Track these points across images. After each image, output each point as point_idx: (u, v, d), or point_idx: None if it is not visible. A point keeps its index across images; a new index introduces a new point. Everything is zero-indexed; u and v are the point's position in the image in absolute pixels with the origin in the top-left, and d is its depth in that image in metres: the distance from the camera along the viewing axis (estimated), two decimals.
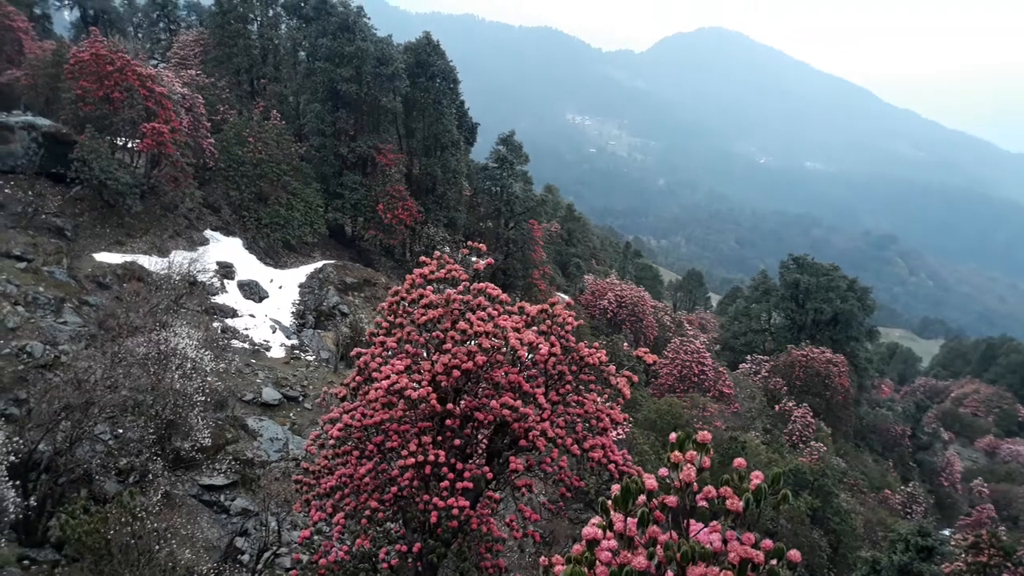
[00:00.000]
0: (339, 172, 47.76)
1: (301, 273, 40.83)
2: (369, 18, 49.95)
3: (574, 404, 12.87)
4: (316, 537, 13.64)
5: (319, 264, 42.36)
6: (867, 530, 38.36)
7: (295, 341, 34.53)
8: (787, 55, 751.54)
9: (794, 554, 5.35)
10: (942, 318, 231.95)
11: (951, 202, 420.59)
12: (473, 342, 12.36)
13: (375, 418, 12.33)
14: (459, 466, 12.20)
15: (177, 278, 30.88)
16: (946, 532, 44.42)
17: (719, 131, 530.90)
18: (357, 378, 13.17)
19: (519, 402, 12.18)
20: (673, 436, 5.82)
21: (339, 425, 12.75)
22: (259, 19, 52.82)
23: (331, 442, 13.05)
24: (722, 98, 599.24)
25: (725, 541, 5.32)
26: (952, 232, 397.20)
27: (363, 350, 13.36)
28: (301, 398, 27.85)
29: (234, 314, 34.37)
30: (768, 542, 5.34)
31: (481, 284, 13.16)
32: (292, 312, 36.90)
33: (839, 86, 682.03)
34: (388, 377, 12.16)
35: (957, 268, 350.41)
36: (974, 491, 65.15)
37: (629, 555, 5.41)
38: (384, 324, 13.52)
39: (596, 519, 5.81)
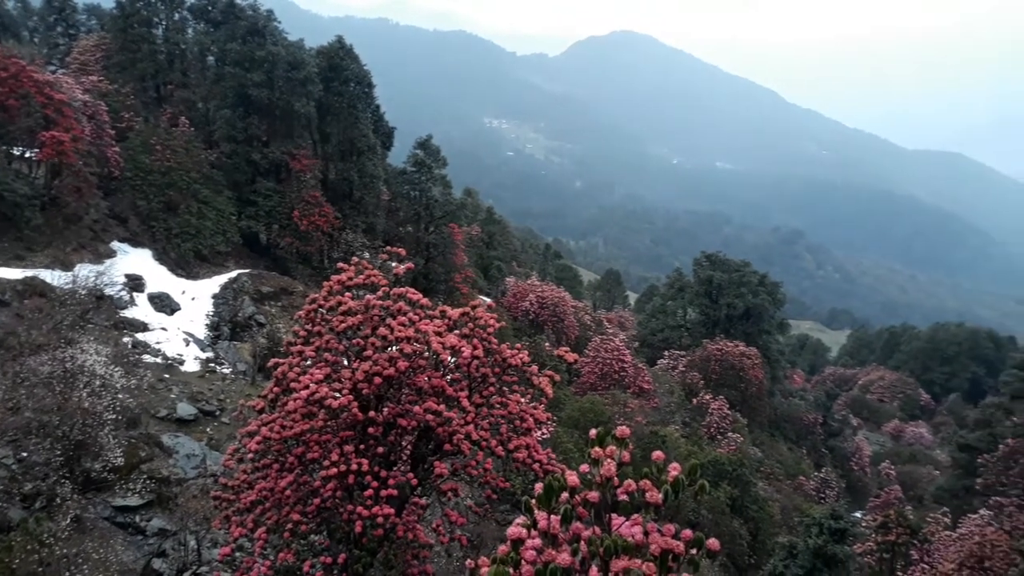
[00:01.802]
0: (252, 179, 46.65)
1: (215, 283, 39.67)
2: (279, 22, 48.97)
3: (498, 406, 12.91)
4: (238, 554, 13.29)
5: (233, 274, 41.25)
6: (784, 516, 39.75)
7: (210, 354, 33.54)
8: (697, 58, 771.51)
9: (713, 543, 5.50)
10: (848, 309, 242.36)
11: (854, 198, 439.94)
12: (394, 348, 12.28)
13: (295, 429, 12.11)
14: (383, 474, 12.08)
15: (83, 292, 29.59)
16: (857, 514, 46.49)
17: (634, 133, 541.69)
18: (275, 389, 12.91)
19: (443, 406, 12.15)
20: (593, 432, 5.93)
21: (258, 438, 12.46)
22: (164, 23, 51.01)
23: (250, 456, 12.74)
24: (636, 101, 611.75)
25: (646, 533, 5.44)
26: (855, 227, 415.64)
27: (281, 360, 13.10)
28: (218, 412, 27.05)
29: (145, 328, 33.14)
30: (688, 532, 5.48)
31: (401, 289, 13.07)
32: (206, 324, 35.82)
33: (746, 87, 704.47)
34: (307, 387, 11.94)
35: (861, 261, 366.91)
36: (882, 473, 68.17)
37: (553, 552, 5.48)
38: (302, 333, 13.29)
39: (521, 519, 5.86)
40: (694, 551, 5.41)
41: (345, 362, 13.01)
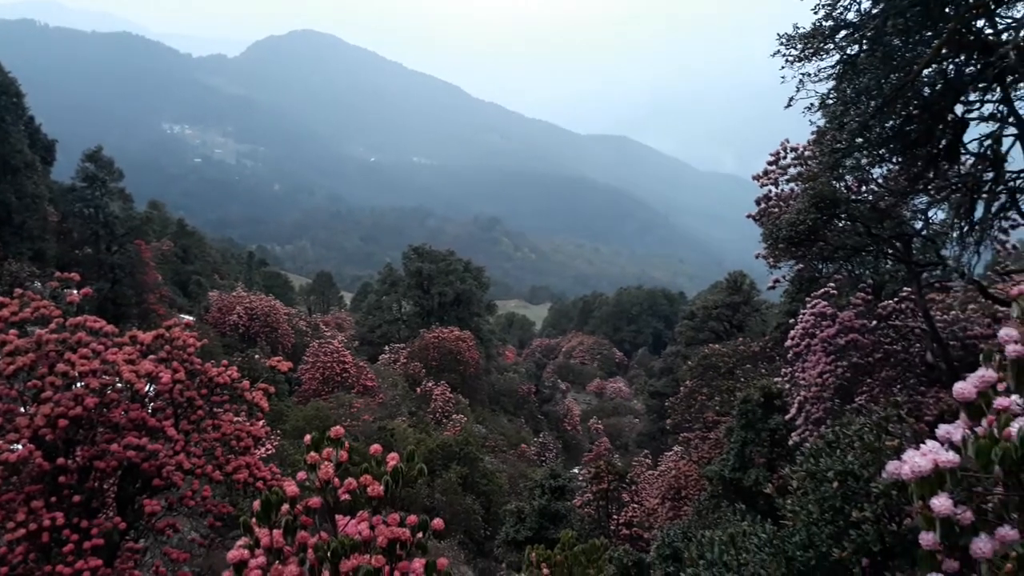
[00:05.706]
0: None
1: None
2: None
3: (210, 429, 12.22)
4: None
5: None
6: (512, 484, 41.94)
7: None
8: (381, 56, 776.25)
9: (437, 523, 5.70)
10: (546, 285, 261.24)
11: (540, 184, 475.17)
12: (79, 384, 11.07)
13: None
14: (84, 524, 10.87)
15: None
16: (575, 470, 50.52)
17: (327, 134, 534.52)
18: None
19: (146, 439, 11.22)
20: (308, 438, 5.86)
21: None
22: None
23: None
24: (324, 101, 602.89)
25: (372, 527, 5.50)
26: (544, 210, 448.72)
27: None
28: None
29: None
30: (412, 518, 5.62)
31: (79, 318, 11.80)
32: None
33: (431, 84, 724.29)
34: None
35: (552, 240, 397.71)
36: (592, 429, 74.36)
37: (280, 567, 5.34)
38: None
39: (242, 540, 5.64)
40: (420, 535, 5.58)
41: (22, 409, 11.47)
